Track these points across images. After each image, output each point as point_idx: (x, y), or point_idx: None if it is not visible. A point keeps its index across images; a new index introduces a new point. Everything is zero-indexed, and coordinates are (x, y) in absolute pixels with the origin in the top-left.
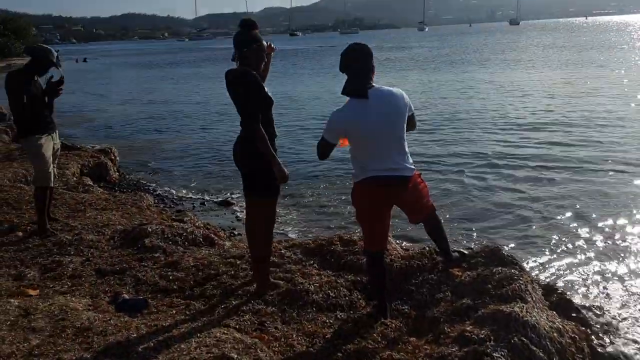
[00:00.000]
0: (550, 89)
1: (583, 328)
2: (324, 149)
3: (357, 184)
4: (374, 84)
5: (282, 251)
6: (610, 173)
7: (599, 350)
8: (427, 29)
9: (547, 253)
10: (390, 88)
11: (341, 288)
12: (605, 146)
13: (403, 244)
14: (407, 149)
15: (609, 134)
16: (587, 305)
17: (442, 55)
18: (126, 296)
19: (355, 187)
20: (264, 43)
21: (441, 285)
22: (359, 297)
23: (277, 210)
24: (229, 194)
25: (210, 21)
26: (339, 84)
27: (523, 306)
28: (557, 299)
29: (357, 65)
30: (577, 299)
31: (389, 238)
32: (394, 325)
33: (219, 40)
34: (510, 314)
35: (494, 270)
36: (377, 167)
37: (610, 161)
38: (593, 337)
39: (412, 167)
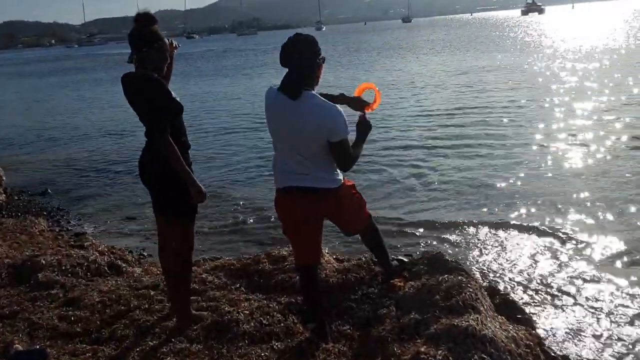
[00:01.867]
0: (449, 79)
1: (534, 332)
2: None
3: (276, 192)
4: (313, 90)
5: (203, 275)
6: (526, 153)
7: (552, 355)
8: (324, 28)
9: (480, 250)
10: (324, 104)
11: (274, 313)
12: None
13: (335, 256)
14: (327, 162)
15: (517, 115)
16: (529, 303)
17: (346, 52)
18: (19, 347)
19: (276, 195)
20: (166, 40)
21: (383, 299)
22: (295, 321)
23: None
24: (134, 210)
25: (101, 26)
26: (247, 83)
27: (477, 317)
28: (500, 301)
29: (296, 60)
30: (517, 298)
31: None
32: (336, 349)
33: (111, 45)
34: (467, 329)
35: (440, 279)
36: (290, 175)
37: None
38: (545, 341)
39: (337, 178)
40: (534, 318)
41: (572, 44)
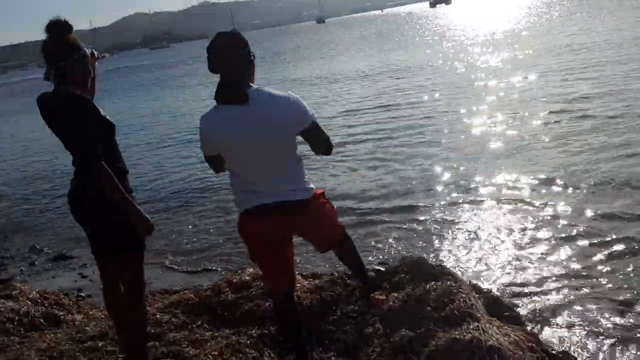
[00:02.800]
0: (372, 75)
1: (529, 331)
2: (209, 163)
3: (239, 215)
4: (253, 85)
5: (157, 316)
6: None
7: (554, 354)
8: None
9: (448, 243)
10: (276, 92)
11: (247, 350)
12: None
13: (299, 272)
14: (298, 167)
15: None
16: (513, 297)
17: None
18: None
19: (239, 219)
20: (86, 50)
21: (367, 317)
22: (272, 355)
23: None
24: (63, 246)
25: (3, 54)
26: (170, 96)
27: (477, 326)
28: (486, 300)
29: (228, 60)
30: (501, 294)
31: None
32: None
33: (15, 72)
34: (471, 342)
35: (427, 287)
36: (258, 193)
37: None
38: (542, 339)
39: (309, 187)
40: (523, 314)
41: (478, 32)
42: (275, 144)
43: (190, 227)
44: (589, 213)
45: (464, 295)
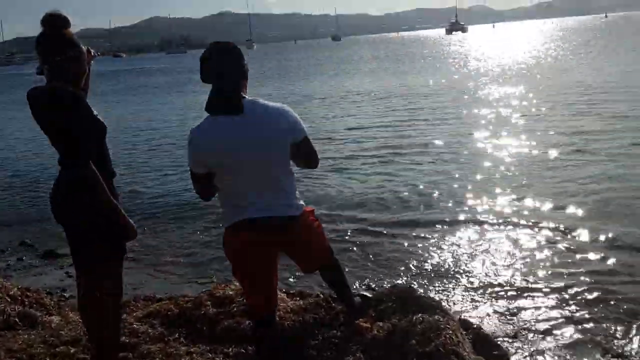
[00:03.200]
0: (384, 94)
1: None
2: (195, 182)
3: (226, 229)
4: (246, 96)
5: (135, 325)
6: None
7: None
8: (255, 47)
9: (437, 270)
10: (270, 104)
11: None
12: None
13: (288, 289)
14: (290, 183)
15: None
16: (500, 335)
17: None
18: None
19: (225, 233)
20: (82, 47)
21: (349, 344)
22: None
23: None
24: (54, 243)
25: (20, 45)
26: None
27: None
28: (474, 337)
29: (223, 70)
30: (490, 330)
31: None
32: None
33: (33, 64)
34: None
35: (414, 320)
36: (248, 206)
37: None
38: None
39: (299, 204)
40: (511, 355)
41: (491, 62)
42: (268, 156)
43: (182, 235)
44: (592, 244)
45: (450, 332)
